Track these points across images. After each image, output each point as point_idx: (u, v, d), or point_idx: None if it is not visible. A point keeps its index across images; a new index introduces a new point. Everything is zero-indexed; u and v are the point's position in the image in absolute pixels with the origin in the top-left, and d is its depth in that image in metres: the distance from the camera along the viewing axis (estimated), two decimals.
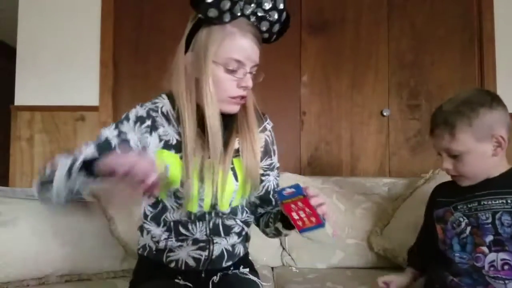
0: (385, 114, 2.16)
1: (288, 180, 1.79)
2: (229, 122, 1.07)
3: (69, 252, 1.40)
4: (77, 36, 2.15)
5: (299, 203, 0.89)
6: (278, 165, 1.22)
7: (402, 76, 2.19)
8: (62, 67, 2.13)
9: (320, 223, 0.90)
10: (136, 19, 2.17)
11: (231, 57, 0.97)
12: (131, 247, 1.49)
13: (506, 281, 1.04)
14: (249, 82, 1.00)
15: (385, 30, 2.19)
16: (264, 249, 1.66)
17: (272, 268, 1.68)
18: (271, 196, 1.17)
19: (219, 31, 0.96)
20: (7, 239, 1.34)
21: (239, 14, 0.96)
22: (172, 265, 1.07)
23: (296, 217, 0.91)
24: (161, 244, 1.07)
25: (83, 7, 2.16)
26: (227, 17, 0.95)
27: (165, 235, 1.07)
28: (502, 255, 1.06)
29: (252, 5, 0.97)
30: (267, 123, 1.17)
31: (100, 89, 2.12)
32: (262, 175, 1.16)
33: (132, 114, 1.04)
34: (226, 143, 1.05)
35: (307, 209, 0.89)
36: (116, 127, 1.02)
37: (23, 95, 2.13)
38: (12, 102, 2.14)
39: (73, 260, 1.41)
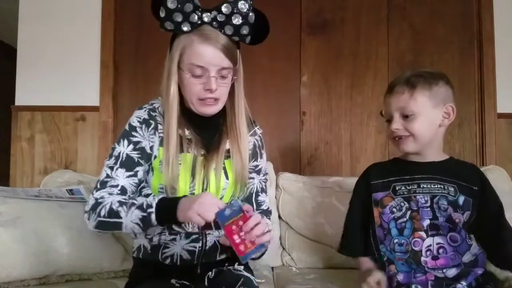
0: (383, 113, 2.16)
1: (288, 180, 1.80)
2: (219, 124, 1.17)
3: (69, 252, 1.40)
4: (77, 36, 2.15)
5: (240, 222, 0.93)
6: (266, 171, 1.28)
7: None
8: (63, 67, 2.13)
9: (261, 244, 0.94)
10: (137, 19, 2.17)
11: (192, 63, 1.04)
12: (131, 247, 1.50)
13: (444, 270, 1.12)
14: (212, 85, 1.05)
15: (384, 30, 2.19)
16: None
17: (272, 268, 1.68)
18: (253, 200, 1.22)
19: (183, 39, 1.05)
20: (8, 239, 1.34)
21: (199, 22, 1.03)
22: (168, 261, 1.11)
23: (237, 240, 0.93)
24: (155, 240, 1.12)
25: (83, 7, 2.16)
26: (185, 27, 1.03)
27: (158, 229, 1.11)
28: (437, 239, 1.13)
29: (213, 12, 1.03)
30: (257, 128, 1.24)
31: (101, 89, 2.13)
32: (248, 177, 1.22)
33: (135, 121, 1.12)
34: (217, 143, 1.14)
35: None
36: (129, 141, 1.10)
37: (24, 95, 2.14)
38: (13, 102, 2.14)
39: (73, 260, 1.41)
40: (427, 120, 1.18)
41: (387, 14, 2.20)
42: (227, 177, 1.13)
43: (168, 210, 0.98)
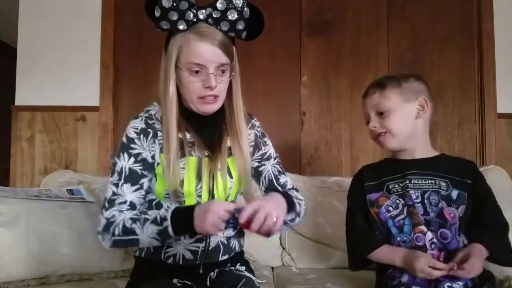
0: None
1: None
2: (218, 122, 1.15)
3: (69, 252, 1.40)
4: (77, 36, 2.15)
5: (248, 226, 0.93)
6: (276, 155, 1.27)
7: None
8: (63, 67, 2.13)
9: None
10: (137, 19, 2.17)
11: (191, 61, 1.03)
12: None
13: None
14: (212, 82, 1.04)
15: (384, 30, 2.19)
16: (264, 249, 1.67)
17: (272, 268, 1.68)
18: (276, 185, 1.22)
19: (179, 37, 1.04)
20: (8, 239, 1.34)
21: (194, 20, 1.03)
22: (170, 260, 1.11)
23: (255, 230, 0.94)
24: None
25: (83, 7, 2.16)
26: (181, 25, 1.02)
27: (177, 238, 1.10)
28: (429, 235, 1.15)
29: (208, 9, 1.03)
30: (255, 121, 1.25)
31: (101, 89, 2.13)
32: (258, 166, 1.23)
33: (132, 132, 1.10)
34: (219, 142, 1.13)
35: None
36: (129, 154, 1.08)
37: (24, 95, 2.14)
38: (13, 102, 2.14)
39: (73, 260, 1.41)
40: (401, 114, 1.23)
41: (387, 14, 2.20)
42: (231, 176, 1.13)
43: (184, 222, 0.97)
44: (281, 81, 2.18)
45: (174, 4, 1.00)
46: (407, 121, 1.23)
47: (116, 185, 1.06)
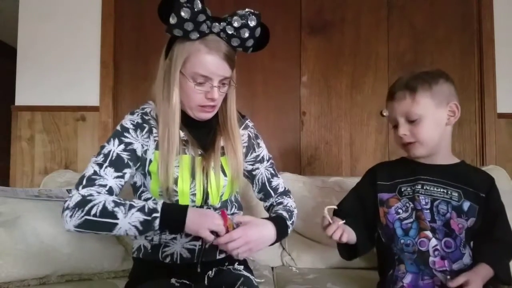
0: (384, 114, 2.17)
1: (288, 180, 1.80)
2: (212, 123, 1.17)
3: (69, 252, 1.40)
4: (77, 36, 2.15)
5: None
6: (269, 156, 1.29)
7: None
8: (63, 67, 2.14)
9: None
10: (137, 19, 2.17)
11: (197, 72, 1.05)
12: (131, 247, 1.50)
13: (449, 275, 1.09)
14: (214, 95, 1.06)
15: (384, 30, 2.20)
16: (264, 249, 1.66)
17: (272, 268, 1.68)
18: (268, 188, 1.26)
19: (188, 46, 1.05)
20: (8, 239, 1.34)
21: (207, 32, 1.04)
22: (168, 260, 1.12)
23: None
24: (156, 239, 1.12)
25: (83, 7, 2.16)
26: (194, 35, 1.02)
27: (153, 233, 1.11)
28: (434, 241, 1.12)
29: (222, 23, 1.04)
30: (248, 121, 1.26)
31: (101, 89, 2.13)
32: (252, 169, 1.25)
33: (128, 123, 1.11)
34: (212, 142, 1.15)
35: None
36: (120, 141, 1.08)
37: (24, 95, 2.14)
38: (13, 102, 2.14)
39: (73, 260, 1.41)
40: (433, 121, 1.16)
41: (387, 14, 2.20)
42: (225, 175, 1.14)
43: (175, 218, 0.99)
44: (281, 81, 2.18)
45: (193, 16, 1.00)
46: (437, 129, 1.17)
47: (100, 165, 1.04)
